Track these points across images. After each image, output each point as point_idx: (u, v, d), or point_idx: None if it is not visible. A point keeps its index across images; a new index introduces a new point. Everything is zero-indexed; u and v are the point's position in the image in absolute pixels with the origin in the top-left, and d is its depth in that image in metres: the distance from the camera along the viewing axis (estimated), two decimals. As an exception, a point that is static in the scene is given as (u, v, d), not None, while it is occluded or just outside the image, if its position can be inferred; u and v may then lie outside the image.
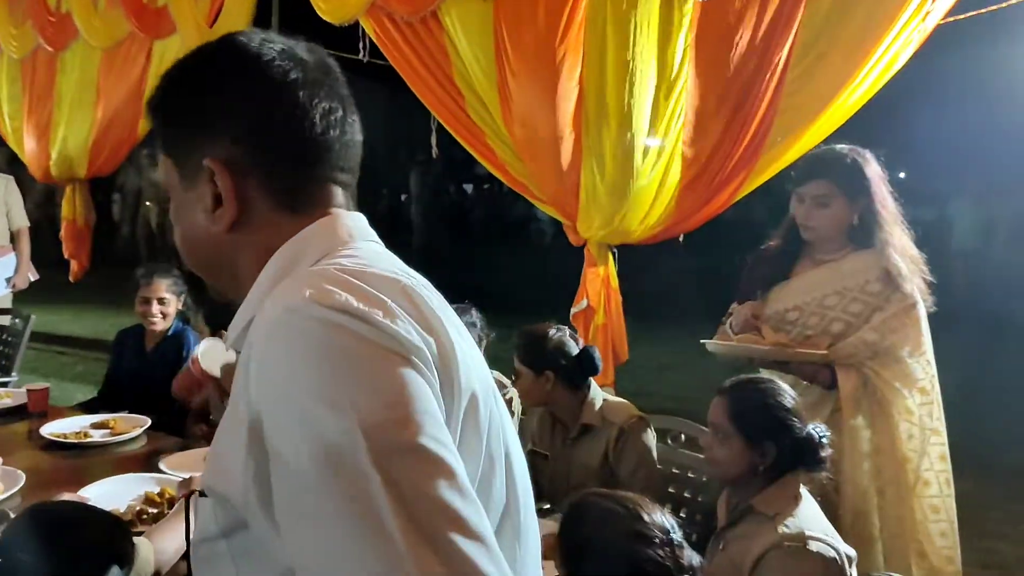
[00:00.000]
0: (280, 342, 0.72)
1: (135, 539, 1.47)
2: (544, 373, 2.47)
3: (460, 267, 9.32)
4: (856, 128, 2.88)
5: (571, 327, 2.78)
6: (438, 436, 0.69)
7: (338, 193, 0.90)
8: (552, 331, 2.53)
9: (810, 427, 1.86)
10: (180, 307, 3.41)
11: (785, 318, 2.39)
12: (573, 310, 3.75)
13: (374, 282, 0.76)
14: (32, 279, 5.41)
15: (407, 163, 14.01)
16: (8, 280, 5.24)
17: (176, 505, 1.87)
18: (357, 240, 0.87)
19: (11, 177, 5.47)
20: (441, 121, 4.01)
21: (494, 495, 0.83)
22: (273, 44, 0.88)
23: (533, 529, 0.92)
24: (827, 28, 2.89)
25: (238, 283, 0.89)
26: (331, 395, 0.67)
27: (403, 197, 15.81)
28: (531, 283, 8.03)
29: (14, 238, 5.30)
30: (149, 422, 2.88)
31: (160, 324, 3.35)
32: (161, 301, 3.33)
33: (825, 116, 2.93)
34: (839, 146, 2.40)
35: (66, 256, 5.55)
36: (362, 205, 0.95)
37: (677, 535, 1.35)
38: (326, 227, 0.87)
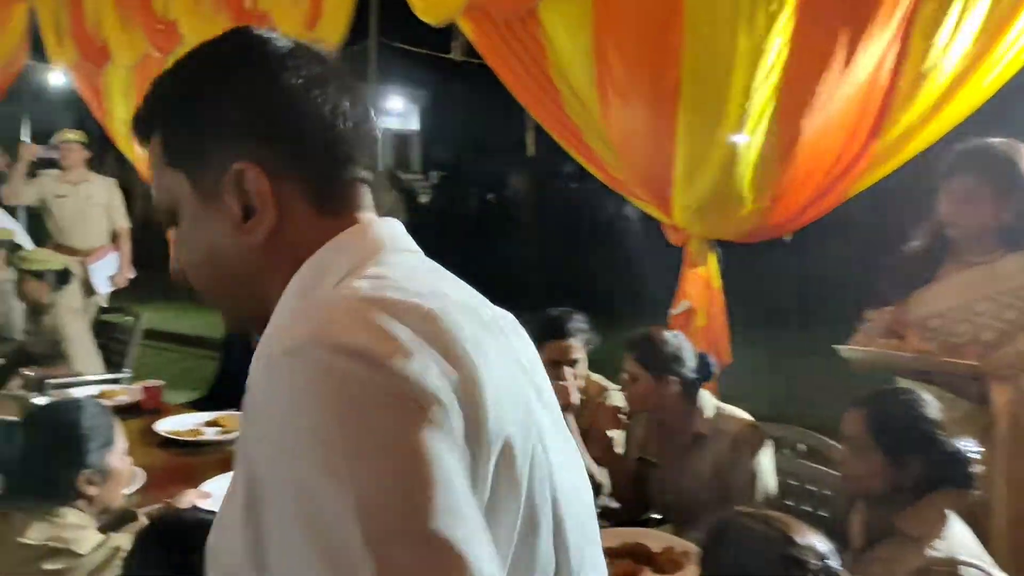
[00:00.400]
0: (277, 392, 0.63)
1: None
2: (664, 378, 2.40)
3: (550, 268, 9.29)
4: (997, 117, 2.66)
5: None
6: (454, 516, 0.58)
7: (366, 193, 0.82)
8: (671, 335, 2.48)
9: (958, 442, 1.73)
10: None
11: (927, 325, 2.23)
12: (672, 312, 3.65)
13: (393, 310, 0.65)
14: (130, 276, 5.64)
15: (500, 163, 14.03)
16: (111, 278, 5.46)
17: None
18: (389, 251, 0.77)
19: (114, 180, 5.72)
20: (537, 120, 3.98)
21: (539, 557, 0.71)
22: (282, 39, 0.82)
23: None
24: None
25: (266, 307, 0.78)
26: (330, 463, 0.58)
27: (490, 197, 15.86)
28: (621, 284, 7.92)
29: (116, 238, 5.54)
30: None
31: None
32: None
33: (954, 100, 2.74)
34: (990, 139, 2.23)
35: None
36: (453, 206, 0.90)
37: (834, 562, 1.25)
38: (355, 236, 0.78)
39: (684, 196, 3.45)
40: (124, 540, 1.67)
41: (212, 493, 2.08)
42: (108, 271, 5.47)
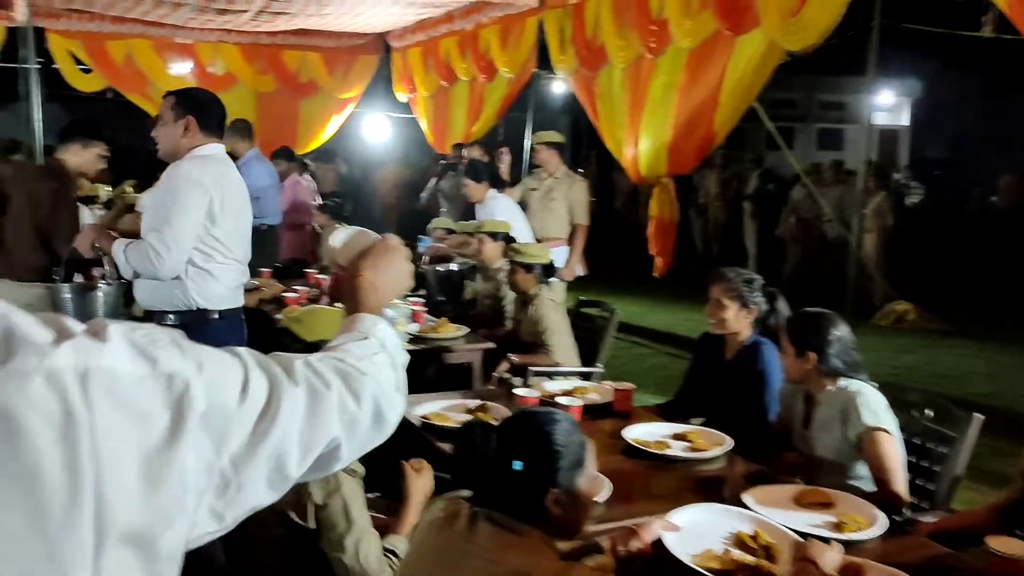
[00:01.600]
0: None
1: None
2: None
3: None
4: None
5: None
6: None
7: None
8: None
9: None
10: (753, 316, 3.20)
11: None
12: None
13: None
14: (579, 273, 5.83)
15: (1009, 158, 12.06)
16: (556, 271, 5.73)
17: None
18: None
19: (580, 178, 6.00)
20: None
21: None
22: None
23: None
24: None
25: None
26: None
27: (994, 199, 13.76)
28: None
29: (574, 233, 5.81)
30: (731, 443, 2.71)
31: (718, 328, 3.21)
32: (718, 304, 3.18)
33: None
34: None
35: (652, 253, 5.81)
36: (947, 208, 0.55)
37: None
38: None
39: None
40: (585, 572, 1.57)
41: (681, 527, 1.91)
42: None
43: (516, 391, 3.06)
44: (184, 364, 0.75)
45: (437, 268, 5.44)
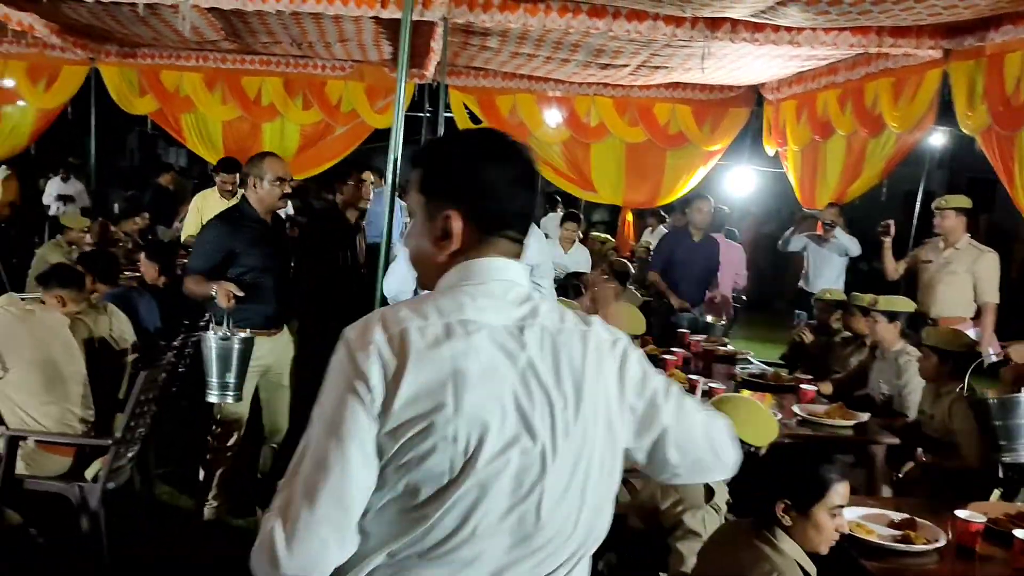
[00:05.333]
0: None
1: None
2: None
3: None
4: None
5: None
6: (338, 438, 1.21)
7: (503, 243, 1.38)
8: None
9: None
10: None
11: None
12: None
13: (386, 320, 1.27)
14: (993, 359, 5.04)
15: None
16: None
17: None
18: (474, 277, 1.34)
19: (989, 249, 5.31)
20: None
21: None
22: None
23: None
24: None
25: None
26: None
27: None
28: None
29: (981, 312, 5.26)
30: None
31: None
32: None
33: None
34: None
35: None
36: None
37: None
38: (469, 266, 1.36)
39: None
40: None
41: None
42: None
43: (958, 513, 2.64)
44: None
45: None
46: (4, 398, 3.43)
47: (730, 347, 5.45)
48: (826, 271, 7.14)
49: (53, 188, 10.43)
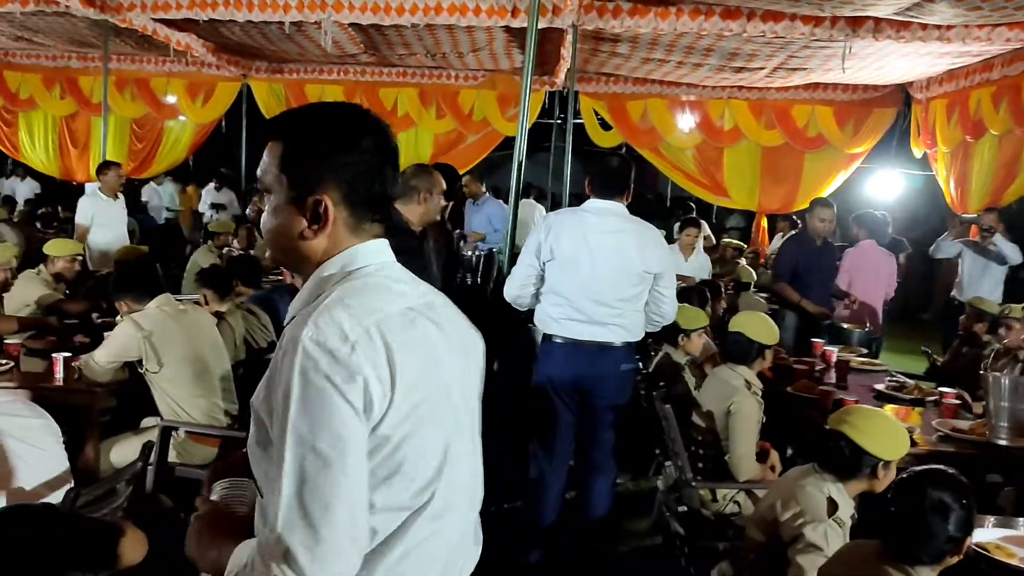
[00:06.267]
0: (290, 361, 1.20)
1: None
2: None
3: None
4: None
5: None
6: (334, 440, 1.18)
7: (374, 228, 1.36)
8: None
9: None
10: None
11: None
12: None
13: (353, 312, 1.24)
14: None
15: None
16: None
17: None
18: (360, 262, 1.34)
19: None
20: None
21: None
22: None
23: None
24: None
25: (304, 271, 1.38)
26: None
27: None
28: None
29: None
30: None
31: None
32: None
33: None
34: None
35: None
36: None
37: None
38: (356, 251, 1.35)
39: None
40: None
41: None
42: None
43: None
44: None
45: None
46: (159, 391, 3.68)
47: (868, 358, 5.20)
48: (982, 280, 6.69)
49: (207, 197, 11.12)
